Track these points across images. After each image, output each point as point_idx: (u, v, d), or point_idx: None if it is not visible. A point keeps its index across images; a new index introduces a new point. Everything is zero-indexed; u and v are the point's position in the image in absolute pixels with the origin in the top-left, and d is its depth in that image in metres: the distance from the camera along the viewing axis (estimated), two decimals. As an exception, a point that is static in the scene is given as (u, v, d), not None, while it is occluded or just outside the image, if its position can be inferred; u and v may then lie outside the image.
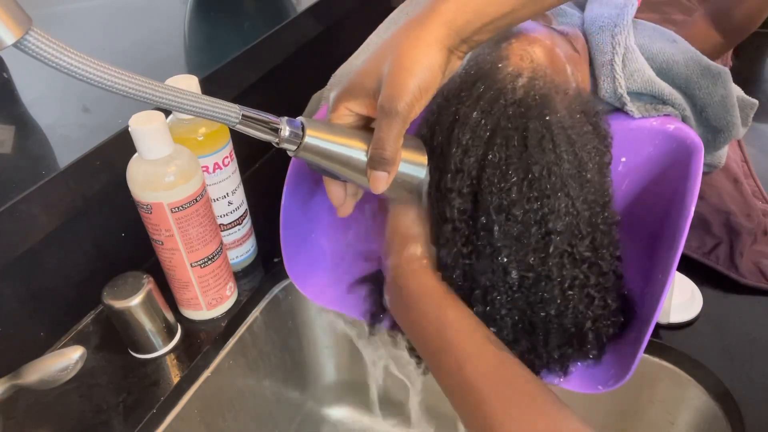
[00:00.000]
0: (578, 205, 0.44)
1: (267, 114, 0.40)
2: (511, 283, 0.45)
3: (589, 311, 0.47)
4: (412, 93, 0.40)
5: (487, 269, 0.45)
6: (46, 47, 0.28)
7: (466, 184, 0.45)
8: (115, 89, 0.31)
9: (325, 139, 0.42)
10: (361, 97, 0.43)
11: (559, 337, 0.48)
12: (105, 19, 0.85)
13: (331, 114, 0.45)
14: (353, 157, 0.44)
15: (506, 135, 0.44)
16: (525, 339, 0.48)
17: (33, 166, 0.56)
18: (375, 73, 0.42)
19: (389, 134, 0.42)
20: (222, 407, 0.64)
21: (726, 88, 0.56)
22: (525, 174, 0.43)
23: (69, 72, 0.29)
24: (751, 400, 0.53)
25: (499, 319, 0.47)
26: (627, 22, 0.53)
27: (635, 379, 0.47)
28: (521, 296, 0.46)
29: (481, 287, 0.46)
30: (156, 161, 0.51)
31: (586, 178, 0.45)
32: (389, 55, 0.41)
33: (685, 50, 0.57)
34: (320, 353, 0.79)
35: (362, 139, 0.44)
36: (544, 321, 0.47)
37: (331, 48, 0.94)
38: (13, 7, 0.27)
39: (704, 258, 0.64)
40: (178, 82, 0.55)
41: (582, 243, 0.45)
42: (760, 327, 0.59)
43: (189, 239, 0.55)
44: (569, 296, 0.46)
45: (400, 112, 0.41)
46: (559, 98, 0.45)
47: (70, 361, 0.48)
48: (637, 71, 0.54)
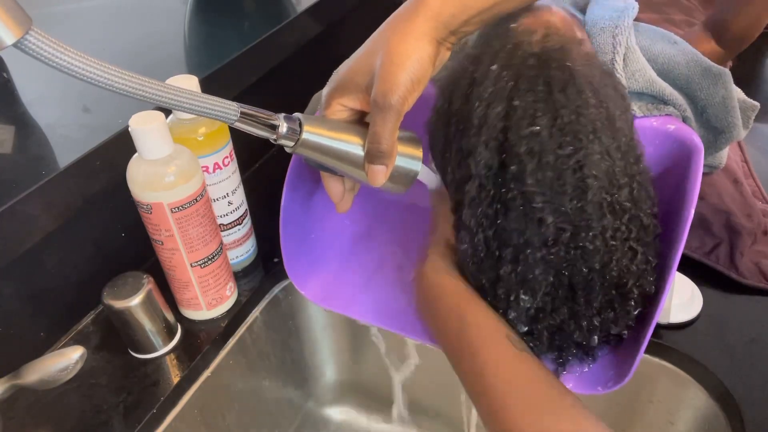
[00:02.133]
0: (612, 153, 0.43)
1: (265, 111, 0.40)
2: (547, 237, 0.43)
3: (633, 266, 0.45)
4: (405, 86, 0.41)
5: (519, 224, 0.43)
6: (46, 47, 0.28)
7: (492, 137, 0.44)
8: (114, 88, 0.31)
9: (323, 134, 0.43)
10: (353, 93, 0.44)
11: (603, 298, 0.45)
12: (105, 19, 0.85)
13: (325, 110, 0.45)
14: (351, 152, 0.44)
15: (530, 82, 0.43)
16: (564, 305, 0.45)
17: (33, 166, 0.56)
18: (366, 68, 0.43)
19: (384, 128, 0.42)
20: (222, 407, 0.64)
21: (727, 89, 0.56)
22: (554, 119, 0.42)
23: (68, 71, 0.29)
24: (751, 400, 0.53)
25: (532, 279, 0.44)
26: (628, 23, 0.54)
27: (635, 379, 0.47)
28: (559, 252, 0.43)
29: (513, 246, 0.44)
30: (156, 161, 0.51)
31: (616, 125, 0.44)
32: (379, 50, 0.42)
33: (686, 51, 0.57)
34: (320, 353, 0.79)
35: (359, 134, 0.45)
36: (586, 279, 0.44)
37: (331, 48, 0.94)
38: (13, 7, 0.27)
39: (704, 258, 0.64)
40: (178, 82, 0.55)
41: (621, 193, 0.43)
42: (760, 327, 0.59)
43: (189, 239, 0.55)
44: (613, 248, 0.43)
45: (393, 105, 0.41)
46: (575, 50, 0.45)
47: (70, 361, 0.48)
48: (638, 71, 0.54)
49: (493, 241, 0.45)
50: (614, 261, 0.44)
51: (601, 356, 0.51)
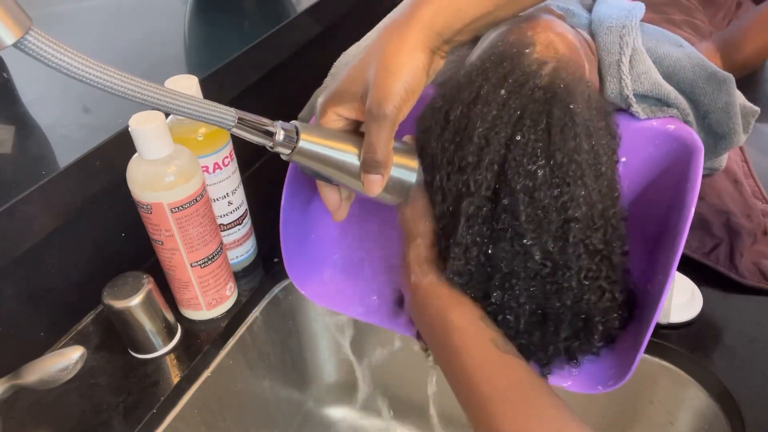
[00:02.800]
0: (594, 196, 0.44)
1: (262, 118, 0.40)
2: (531, 270, 0.45)
3: (600, 303, 0.47)
4: (399, 96, 0.41)
5: (509, 254, 0.45)
6: (45, 47, 0.28)
7: (493, 161, 0.44)
8: (112, 90, 0.31)
9: (319, 143, 0.43)
10: (349, 102, 0.44)
11: (569, 329, 0.47)
12: (105, 19, 0.85)
13: (320, 119, 0.45)
14: (347, 161, 0.44)
15: (534, 118, 0.44)
16: (537, 329, 0.47)
17: (33, 166, 0.56)
18: (361, 78, 0.43)
19: (379, 137, 0.43)
20: (222, 407, 0.64)
21: (730, 95, 0.56)
22: (549, 159, 0.43)
23: (67, 72, 0.29)
24: (751, 400, 0.53)
25: (516, 307, 0.46)
26: (635, 23, 0.53)
27: (635, 379, 0.47)
28: (539, 284, 0.46)
29: (501, 273, 0.46)
30: (156, 161, 0.51)
31: (601, 170, 0.45)
32: (374, 60, 0.42)
33: (692, 55, 0.57)
34: (320, 353, 0.79)
35: (355, 143, 0.45)
36: (557, 311, 0.46)
37: (331, 48, 0.94)
38: (13, 7, 0.27)
39: (704, 258, 0.64)
40: (177, 82, 0.55)
41: (596, 235, 0.45)
42: (760, 327, 0.59)
43: (189, 239, 0.55)
44: (585, 287, 0.46)
45: (388, 115, 0.42)
46: (579, 90, 0.46)
47: (70, 361, 0.48)
48: (644, 73, 0.54)
49: (486, 263, 0.46)
50: (584, 299, 0.46)
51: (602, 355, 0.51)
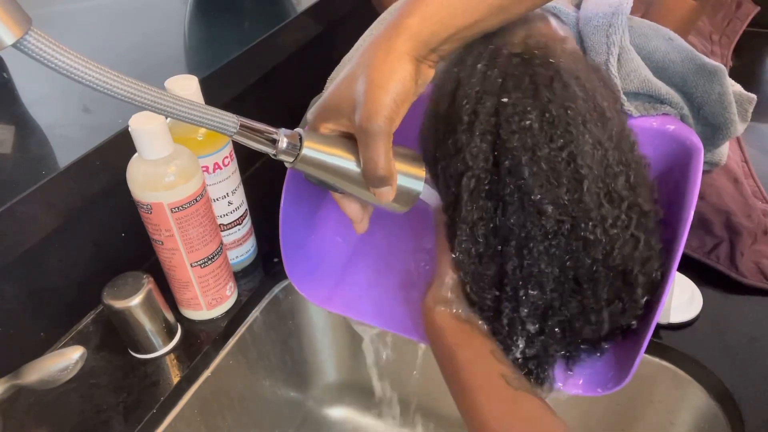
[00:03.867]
0: (604, 143, 0.43)
1: (264, 125, 0.40)
2: (548, 228, 0.43)
3: (637, 253, 0.44)
4: (389, 107, 0.41)
5: (519, 217, 0.43)
6: (45, 48, 0.28)
7: (485, 130, 0.44)
8: (111, 92, 0.31)
9: (323, 150, 0.42)
10: (338, 119, 0.43)
11: (610, 288, 0.45)
12: (105, 19, 0.85)
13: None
14: (351, 170, 0.43)
15: (516, 79, 0.44)
16: (573, 299, 0.45)
17: (33, 166, 0.56)
18: (348, 93, 0.42)
19: (376, 152, 0.42)
20: (222, 407, 0.64)
21: (722, 85, 0.56)
22: (542, 113, 0.43)
23: (67, 73, 0.29)
24: (751, 400, 0.53)
25: (538, 273, 0.44)
26: (622, 21, 0.53)
27: (635, 379, 0.47)
28: (560, 244, 0.43)
29: (515, 240, 0.44)
30: (156, 161, 0.51)
31: (606, 116, 0.44)
32: (361, 74, 0.42)
33: (681, 48, 0.57)
34: (320, 353, 0.79)
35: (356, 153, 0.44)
36: (590, 270, 0.44)
37: (331, 48, 0.94)
38: (13, 7, 0.26)
39: (704, 258, 0.64)
40: (177, 82, 0.55)
41: (617, 181, 0.43)
42: (760, 327, 0.59)
43: (189, 239, 0.55)
44: (614, 236, 0.43)
45: (381, 128, 0.41)
46: (558, 47, 0.45)
47: (70, 361, 0.48)
48: (633, 71, 0.54)
49: (494, 238, 0.45)
50: (616, 250, 0.43)
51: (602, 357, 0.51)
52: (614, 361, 0.50)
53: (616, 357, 0.50)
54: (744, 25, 1.05)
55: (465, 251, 0.46)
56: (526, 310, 0.45)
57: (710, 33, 1.00)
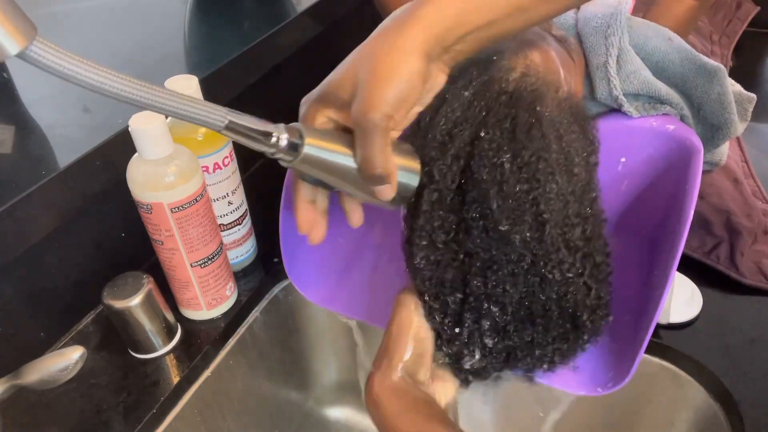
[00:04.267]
0: (567, 196, 0.44)
1: (261, 120, 0.36)
2: (512, 257, 0.44)
3: (588, 300, 0.46)
4: (389, 104, 0.37)
5: (485, 241, 0.44)
6: (51, 57, 0.27)
7: (457, 155, 0.44)
8: (95, 87, 0.29)
9: (324, 147, 0.39)
10: (335, 107, 0.40)
11: (558, 327, 0.46)
12: (105, 18, 0.85)
13: (309, 122, 0.42)
14: (349, 167, 0.41)
15: (498, 118, 0.44)
16: (525, 329, 0.46)
17: (33, 166, 0.56)
18: (349, 81, 0.39)
19: (372, 150, 0.38)
20: (222, 407, 0.64)
21: (722, 85, 0.56)
22: (515, 157, 0.43)
23: (67, 78, 0.28)
24: (751, 400, 0.53)
25: (501, 295, 0.45)
26: (620, 22, 0.53)
27: (635, 379, 0.47)
28: (522, 275, 0.45)
29: (482, 261, 0.45)
30: (156, 161, 0.51)
31: (573, 171, 0.45)
32: (364, 63, 0.38)
33: (681, 49, 0.57)
34: (320, 353, 0.79)
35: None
36: (544, 307, 0.45)
37: (331, 48, 0.94)
38: (18, 15, 0.25)
39: (704, 258, 0.64)
40: (177, 82, 0.55)
41: (574, 231, 0.45)
42: (760, 327, 0.59)
43: (189, 239, 0.55)
44: (569, 280, 0.45)
45: (376, 125, 0.37)
46: (550, 96, 0.46)
47: (70, 361, 0.48)
48: (632, 73, 0.54)
49: (455, 247, 0.46)
50: (570, 294, 0.45)
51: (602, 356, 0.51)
52: (614, 360, 0.50)
53: (616, 357, 0.51)
54: (744, 25, 1.05)
55: (424, 257, 0.46)
56: (488, 324, 0.46)
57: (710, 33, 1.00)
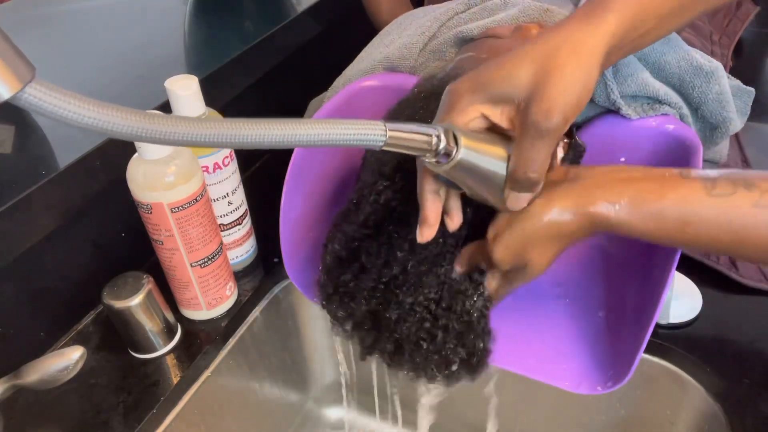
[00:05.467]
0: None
1: (417, 125, 0.34)
2: (384, 275, 0.48)
3: (414, 333, 0.48)
4: (572, 109, 0.36)
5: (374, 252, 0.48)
6: (49, 100, 0.24)
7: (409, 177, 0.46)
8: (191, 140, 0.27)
9: (478, 150, 0.36)
10: (502, 104, 0.38)
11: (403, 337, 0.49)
12: (105, 19, 0.85)
13: (458, 115, 0.38)
14: (497, 173, 0.38)
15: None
16: (374, 333, 0.50)
17: (33, 166, 0.56)
18: (511, 76, 0.37)
19: (541, 154, 0.37)
20: (222, 407, 0.64)
21: (720, 84, 0.56)
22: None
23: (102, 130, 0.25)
24: (751, 400, 0.53)
25: (359, 298, 0.49)
26: None
27: (635, 379, 0.47)
28: (385, 289, 0.48)
29: (359, 262, 0.49)
30: (156, 161, 0.51)
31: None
32: (539, 60, 0.36)
33: (677, 49, 0.56)
34: (320, 353, 0.79)
35: (504, 151, 0.38)
36: (393, 320, 0.48)
37: (331, 48, 0.94)
38: (13, 57, 0.23)
39: (704, 258, 0.64)
40: (177, 82, 0.55)
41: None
42: (760, 327, 0.59)
43: (189, 239, 0.55)
44: (415, 311, 0.48)
45: (556, 128, 0.36)
46: None
47: (70, 361, 0.48)
48: (630, 76, 0.53)
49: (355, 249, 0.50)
50: (408, 321, 0.48)
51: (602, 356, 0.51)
52: (614, 360, 0.50)
53: (616, 356, 0.51)
54: (744, 25, 1.05)
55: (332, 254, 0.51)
56: (342, 313, 0.50)
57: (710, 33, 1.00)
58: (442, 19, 0.61)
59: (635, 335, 0.48)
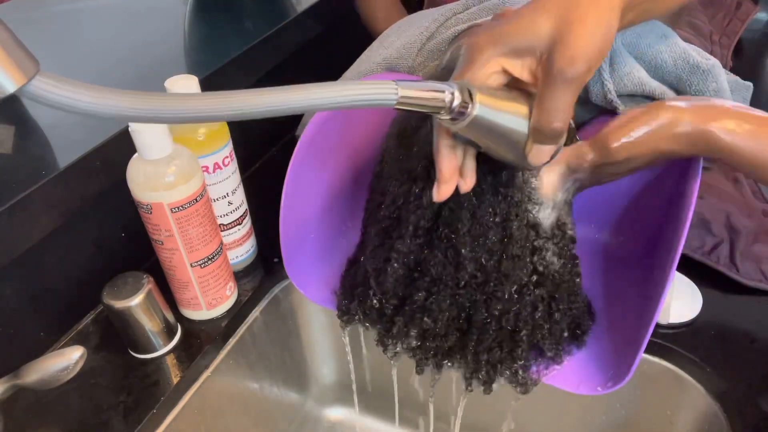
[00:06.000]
0: (541, 232, 0.46)
1: (428, 82, 0.34)
2: (460, 279, 0.46)
3: (530, 318, 0.47)
4: (595, 58, 0.36)
5: (440, 263, 0.46)
6: (55, 92, 0.25)
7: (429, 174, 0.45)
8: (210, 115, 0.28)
9: (494, 107, 0.36)
10: (523, 57, 0.37)
11: (492, 339, 0.48)
12: (105, 19, 0.85)
13: (478, 69, 0.37)
14: (515, 129, 0.37)
15: None
16: (455, 335, 0.48)
17: (33, 166, 0.56)
18: (532, 27, 0.36)
19: (564, 102, 0.36)
20: (222, 407, 0.64)
21: (718, 81, 0.56)
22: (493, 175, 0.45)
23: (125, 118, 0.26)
24: (751, 400, 0.53)
25: (437, 311, 0.47)
26: None
27: (635, 379, 0.47)
28: (467, 293, 0.47)
29: (430, 278, 0.47)
30: (156, 161, 0.51)
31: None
32: (560, 11, 0.36)
33: (674, 47, 0.56)
34: (320, 353, 0.79)
35: (525, 106, 0.37)
36: (483, 321, 0.47)
37: (331, 48, 0.94)
38: (18, 51, 0.23)
39: (704, 258, 0.64)
40: (177, 82, 0.55)
41: (542, 253, 0.46)
42: (760, 327, 0.59)
43: (189, 239, 0.55)
44: (515, 299, 0.47)
45: (580, 76, 0.36)
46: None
47: (70, 361, 0.48)
48: (627, 75, 0.53)
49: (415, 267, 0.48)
50: (513, 310, 0.47)
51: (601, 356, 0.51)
52: (614, 360, 0.50)
53: (616, 356, 0.51)
54: (744, 25, 1.05)
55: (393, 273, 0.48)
56: (415, 332, 0.49)
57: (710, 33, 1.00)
58: (441, 20, 0.61)
59: (635, 335, 0.48)
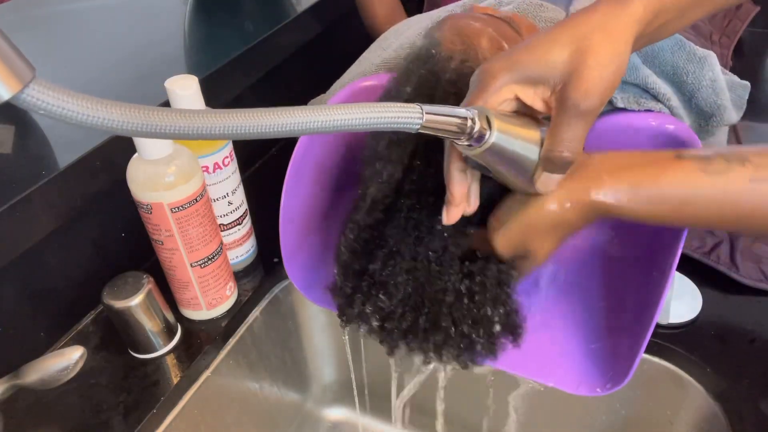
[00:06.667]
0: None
1: (449, 107, 0.34)
2: (418, 253, 0.46)
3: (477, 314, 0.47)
4: (609, 91, 0.37)
5: (397, 233, 0.47)
6: (49, 100, 0.24)
7: (406, 152, 0.45)
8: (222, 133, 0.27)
9: (511, 133, 0.36)
10: (538, 86, 0.38)
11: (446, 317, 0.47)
12: (105, 18, 0.85)
13: (491, 96, 0.38)
14: (528, 157, 0.38)
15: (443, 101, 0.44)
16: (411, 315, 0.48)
17: (33, 166, 0.56)
18: (555, 62, 0.37)
19: (578, 134, 0.37)
20: (222, 407, 0.64)
21: (713, 71, 0.56)
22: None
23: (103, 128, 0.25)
24: (751, 400, 0.53)
25: (393, 285, 0.47)
26: None
27: (635, 379, 0.47)
28: (423, 271, 0.46)
29: (388, 249, 0.47)
30: (156, 161, 0.51)
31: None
32: (574, 42, 0.37)
33: (670, 36, 0.56)
34: (320, 353, 0.79)
35: (536, 132, 0.38)
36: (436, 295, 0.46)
37: (331, 48, 0.94)
38: (13, 57, 0.23)
39: (704, 258, 0.64)
40: (177, 82, 0.55)
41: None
42: (760, 327, 0.59)
43: (189, 239, 0.55)
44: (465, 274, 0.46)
45: (594, 110, 0.37)
46: None
47: (70, 361, 0.48)
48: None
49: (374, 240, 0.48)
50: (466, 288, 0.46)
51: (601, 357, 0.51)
52: (614, 361, 0.50)
53: (616, 357, 0.51)
54: (744, 25, 1.05)
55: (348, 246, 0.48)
56: (371, 308, 0.48)
57: (710, 33, 1.00)
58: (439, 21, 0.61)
59: (635, 336, 0.48)
